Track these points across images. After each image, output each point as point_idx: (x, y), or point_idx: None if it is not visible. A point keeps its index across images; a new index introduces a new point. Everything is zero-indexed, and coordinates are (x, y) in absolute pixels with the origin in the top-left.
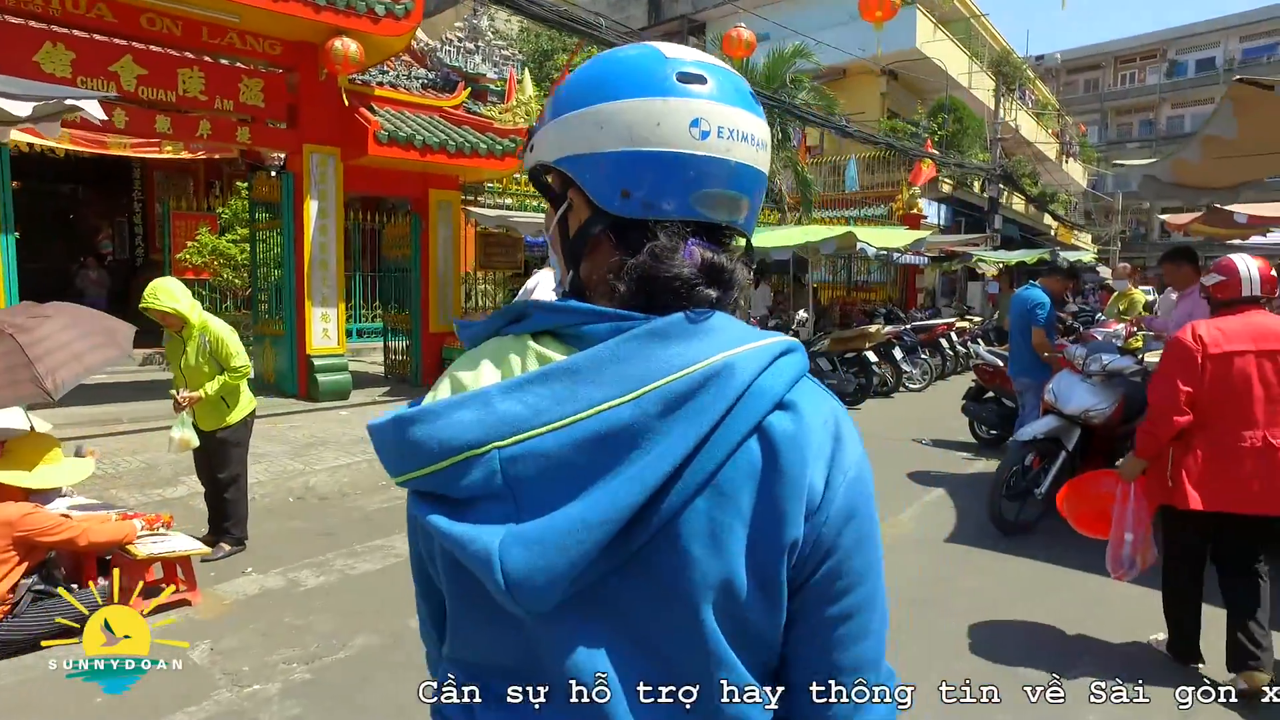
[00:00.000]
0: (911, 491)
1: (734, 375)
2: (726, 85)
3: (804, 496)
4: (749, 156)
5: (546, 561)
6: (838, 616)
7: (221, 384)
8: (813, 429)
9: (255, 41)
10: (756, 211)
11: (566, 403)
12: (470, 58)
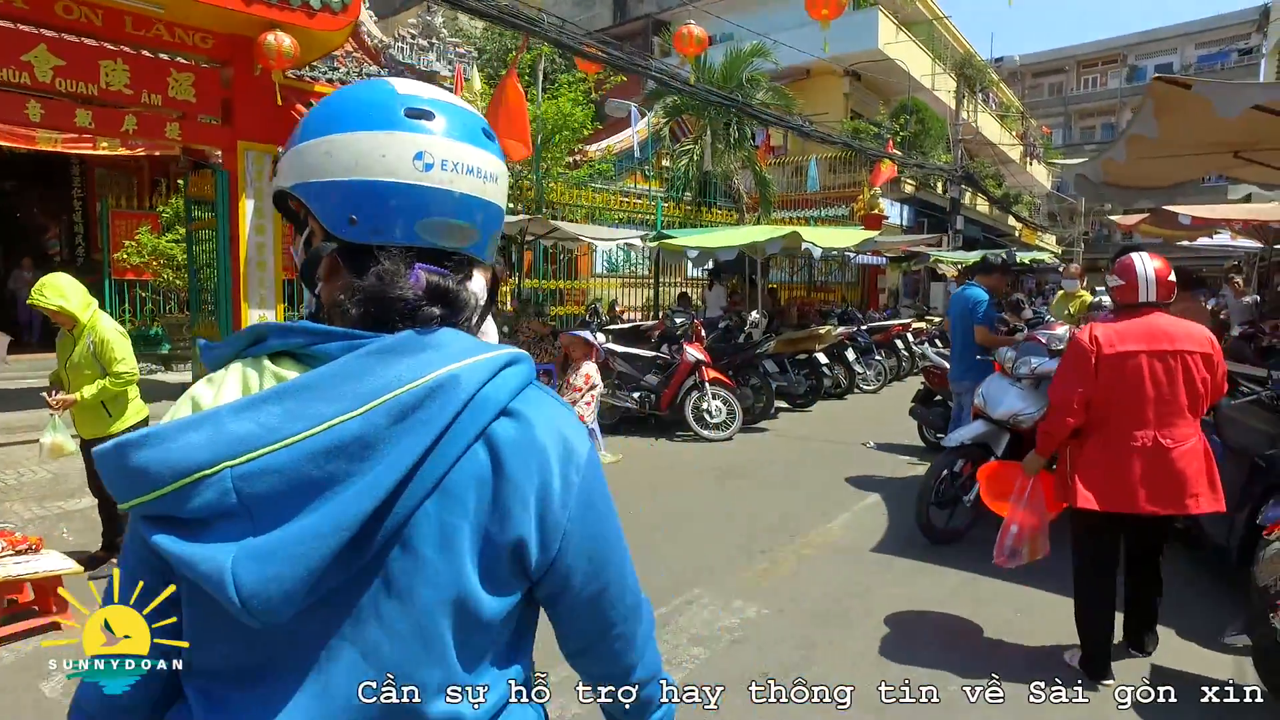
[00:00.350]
0: (847, 498)
1: (458, 387)
2: (455, 122)
3: (530, 498)
4: (475, 188)
5: (279, 574)
6: (582, 604)
7: (101, 389)
8: (538, 435)
9: (185, 34)
10: (490, 237)
11: (299, 419)
12: (424, 55)
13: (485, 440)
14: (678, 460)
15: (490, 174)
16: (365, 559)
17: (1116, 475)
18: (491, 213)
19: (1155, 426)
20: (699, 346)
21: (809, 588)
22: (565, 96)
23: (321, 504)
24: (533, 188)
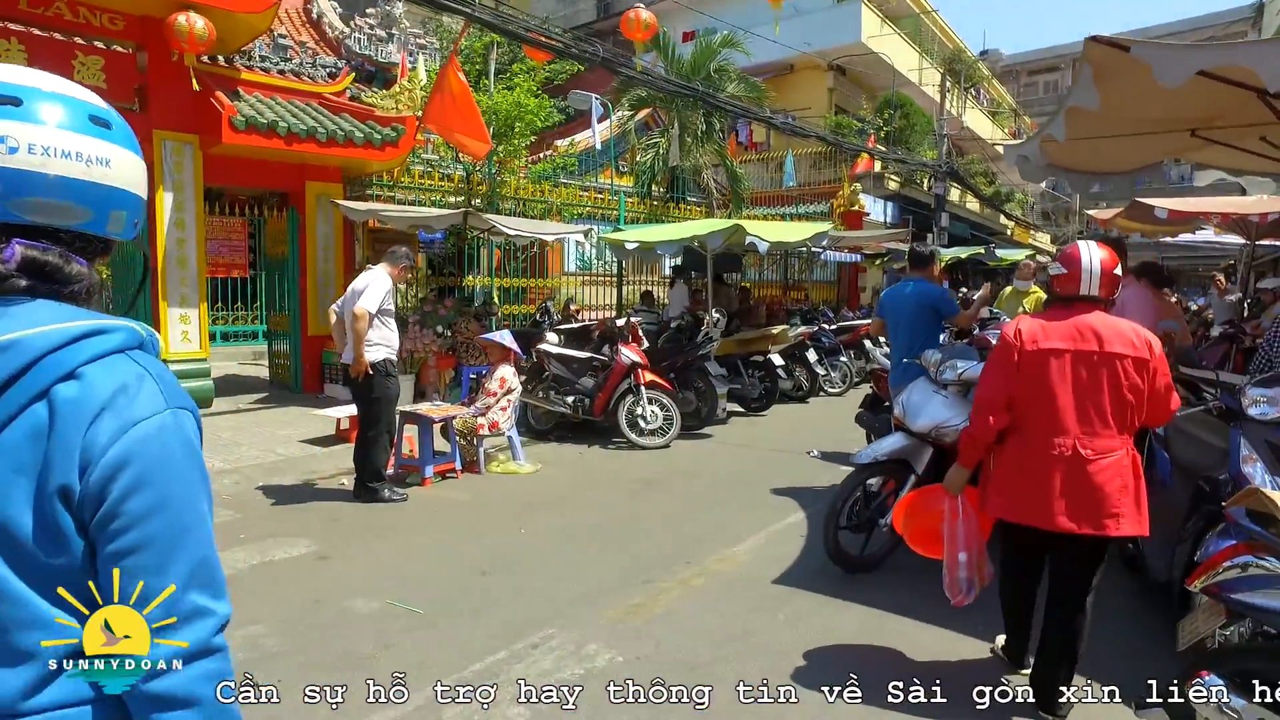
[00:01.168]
0: (768, 515)
1: (21, 351)
2: (53, 108)
3: (76, 451)
4: (75, 171)
5: None
6: (125, 551)
7: None
8: (96, 395)
9: (90, 14)
10: (110, 216)
11: None
12: (383, 45)
13: (48, 400)
14: (600, 470)
15: (97, 158)
16: None
17: (1031, 484)
18: (103, 193)
19: (1076, 434)
20: (635, 347)
21: (682, 629)
22: (521, 88)
23: None
24: (484, 181)
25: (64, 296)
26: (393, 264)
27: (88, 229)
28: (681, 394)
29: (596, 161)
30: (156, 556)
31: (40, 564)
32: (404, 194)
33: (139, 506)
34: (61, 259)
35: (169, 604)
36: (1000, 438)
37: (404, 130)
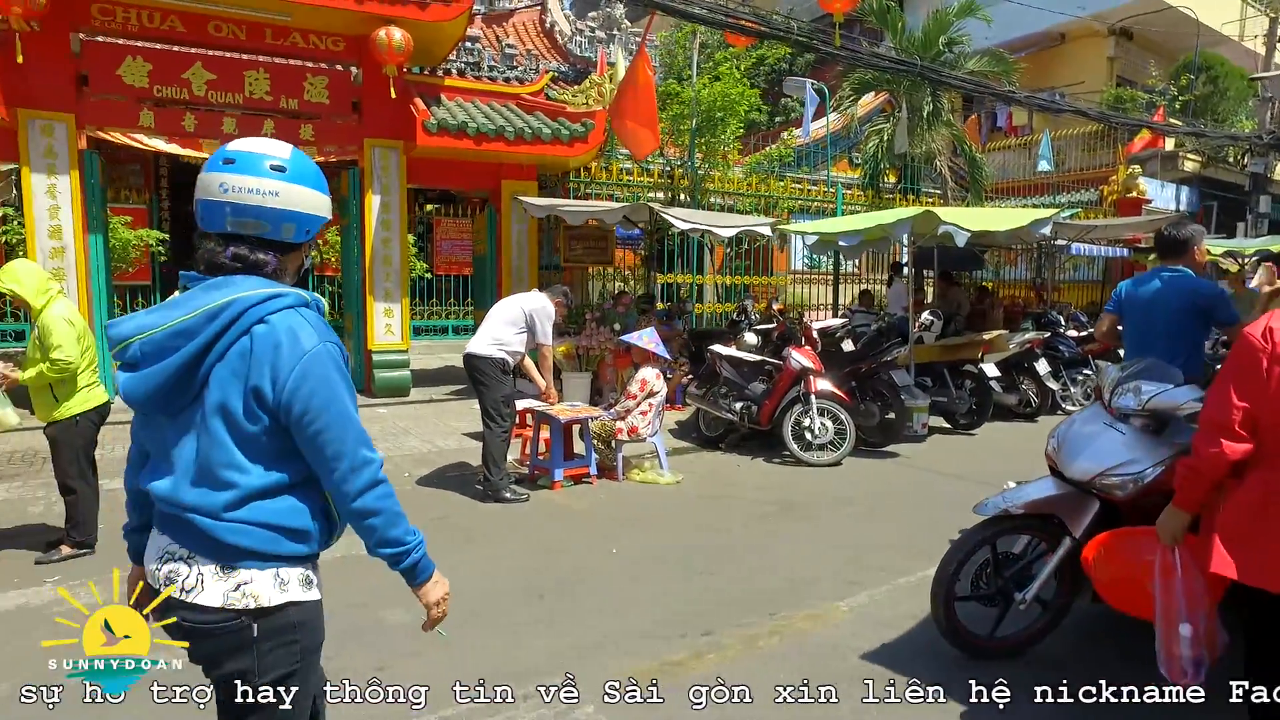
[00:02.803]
0: (899, 563)
1: (236, 305)
2: (246, 163)
3: (266, 367)
4: (255, 200)
5: (136, 388)
6: (311, 437)
7: (39, 373)
8: (275, 333)
9: (317, 40)
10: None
11: (166, 318)
12: (605, 46)
13: (250, 335)
14: (744, 487)
15: (269, 192)
16: (193, 391)
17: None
18: (274, 214)
19: None
20: (806, 351)
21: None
22: (727, 77)
23: (164, 359)
24: (686, 175)
25: (263, 274)
26: (552, 296)
27: (268, 236)
28: (863, 405)
29: (827, 153)
30: (338, 430)
31: (241, 430)
32: (601, 189)
33: (319, 404)
34: (252, 252)
35: (351, 458)
36: (1236, 471)
37: (592, 125)
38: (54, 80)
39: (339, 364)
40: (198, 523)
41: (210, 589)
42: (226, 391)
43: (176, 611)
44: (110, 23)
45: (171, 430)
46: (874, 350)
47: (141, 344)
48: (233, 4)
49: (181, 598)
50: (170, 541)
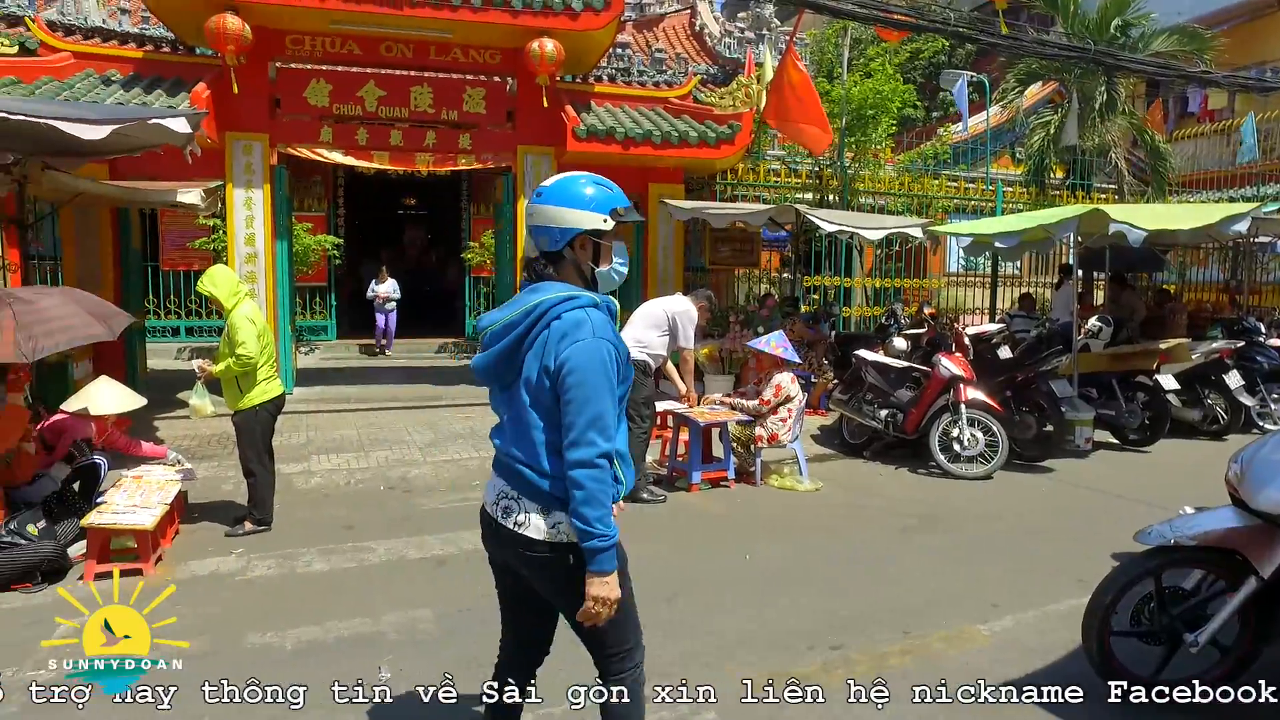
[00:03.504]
0: (1050, 588)
1: (542, 305)
2: (533, 196)
3: (554, 352)
4: (529, 222)
5: (481, 364)
6: (564, 407)
7: (226, 366)
8: (564, 327)
9: (476, 54)
10: (551, 240)
11: (502, 314)
12: (754, 47)
13: (549, 326)
14: (885, 498)
15: (533, 214)
16: (515, 369)
17: None
18: (535, 230)
19: None
20: (957, 358)
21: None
22: (879, 74)
23: (498, 344)
24: (835, 175)
25: (561, 279)
26: (697, 299)
27: (547, 249)
28: (1017, 417)
29: (986, 149)
30: (579, 407)
31: (538, 401)
32: (748, 191)
33: (573, 382)
34: (543, 266)
35: (580, 432)
36: None
37: (739, 127)
38: (254, 105)
39: (603, 357)
40: (523, 473)
41: (534, 524)
42: (531, 370)
43: (512, 539)
44: (300, 51)
45: (504, 400)
46: (1033, 358)
47: (490, 333)
48: (402, 25)
49: (514, 529)
50: (505, 485)
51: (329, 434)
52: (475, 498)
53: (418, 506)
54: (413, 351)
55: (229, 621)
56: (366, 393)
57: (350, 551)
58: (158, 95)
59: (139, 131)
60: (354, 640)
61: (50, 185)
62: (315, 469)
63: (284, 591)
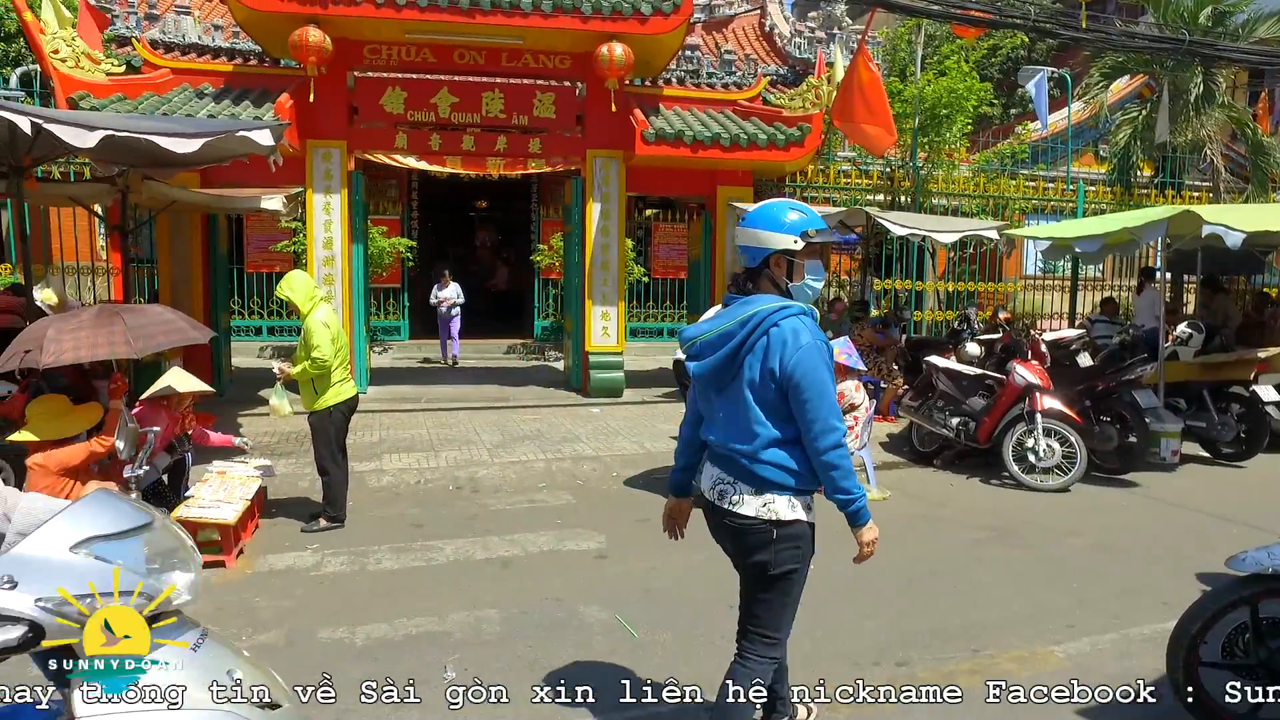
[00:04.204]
0: (1131, 611)
1: (760, 315)
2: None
3: (777, 356)
4: (737, 243)
5: (700, 371)
6: (799, 405)
7: (302, 369)
8: (783, 334)
9: (546, 59)
10: (751, 256)
11: (715, 324)
12: (824, 47)
13: (766, 334)
14: (957, 509)
15: (738, 235)
16: (733, 372)
17: None
18: (742, 249)
19: None
20: (1033, 366)
21: None
22: (953, 72)
23: (715, 352)
24: (907, 176)
25: (762, 292)
26: None
27: (749, 264)
28: (1097, 428)
29: (1067, 147)
30: (816, 402)
31: (761, 398)
32: (817, 193)
33: (806, 382)
34: (753, 279)
35: (823, 423)
36: None
37: (809, 129)
38: (333, 113)
39: (822, 355)
40: (740, 461)
41: (747, 504)
42: (753, 372)
43: (726, 517)
44: (377, 60)
45: (719, 400)
46: (1115, 366)
47: (700, 343)
48: (474, 33)
49: (729, 508)
50: (720, 473)
51: (400, 433)
52: (540, 500)
53: (485, 507)
54: (482, 352)
55: (303, 616)
56: (437, 393)
57: (419, 550)
58: (245, 106)
59: (227, 143)
60: (421, 638)
61: (148, 194)
62: (387, 467)
63: (355, 588)
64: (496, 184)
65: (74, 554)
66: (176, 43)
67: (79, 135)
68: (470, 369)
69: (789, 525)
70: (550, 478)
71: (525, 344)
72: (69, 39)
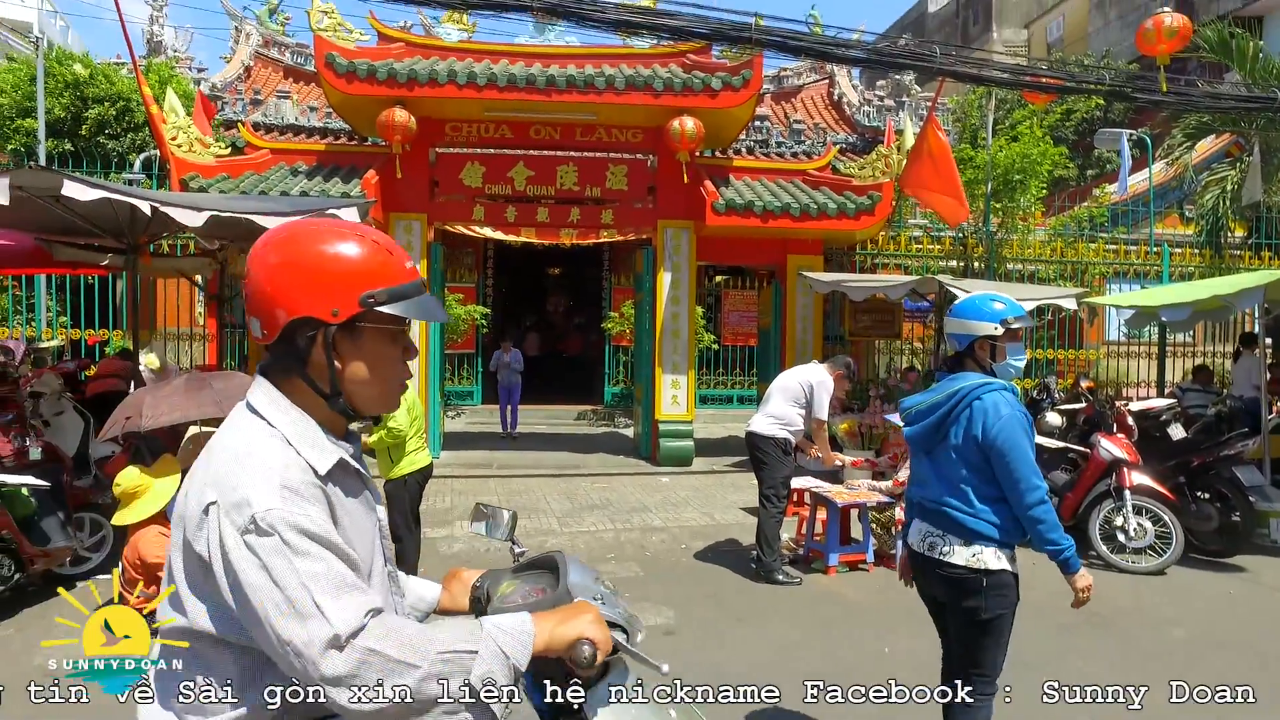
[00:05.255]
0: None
1: (965, 390)
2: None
3: (980, 424)
4: (946, 330)
5: (914, 435)
6: (1002, 467)
7: (379, 438)
8: (985, 406)
9: (619, 133)
10: (957, 340)
11: (928, 397)
12: (893, 115)
13: (970, 405)
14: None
15: (948, 324)
16: (940, 437)
17: None
18: (951, 335)
19: None
20: (1119, 439)
21: None
22: (1025, 137)
23: (925, 420)
24: (980, 243)
25: (976, 370)
26: (834, 368)
27: (957, 349)
28: (1194, 506)
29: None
30: (1018, 466)
31: (968, 461)
32: (888, 260)
33: (1008, 448)
34: (954, 359)
35: (1025, 483)
36: None
37: (879, 197)
38: (415, 187)
39: (1022, 424)
40: (950, 515)
41: (958, 554)
42: (960, 438)
43: (938, 567)
44: (457, 137)
45: (928, 461)
46: (1212, 439)
47: (914, 412)
48: (550, 110)
49: (940, 558)
50: (930, 527)
51: (471, 499)
52: (608, 572)
53: None
54: (552, 418)
55: None
56: (508, 458)
57: None
58: (335, 182)
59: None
60: None
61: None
62: (458, 535)
63: None
64: (569, 251)
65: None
66: (276, 124)
67: (189, 216)
68: (541, 434)
69: (996, 574)
70: (619, 549)
71: (595, 410)
72: (185, 126)
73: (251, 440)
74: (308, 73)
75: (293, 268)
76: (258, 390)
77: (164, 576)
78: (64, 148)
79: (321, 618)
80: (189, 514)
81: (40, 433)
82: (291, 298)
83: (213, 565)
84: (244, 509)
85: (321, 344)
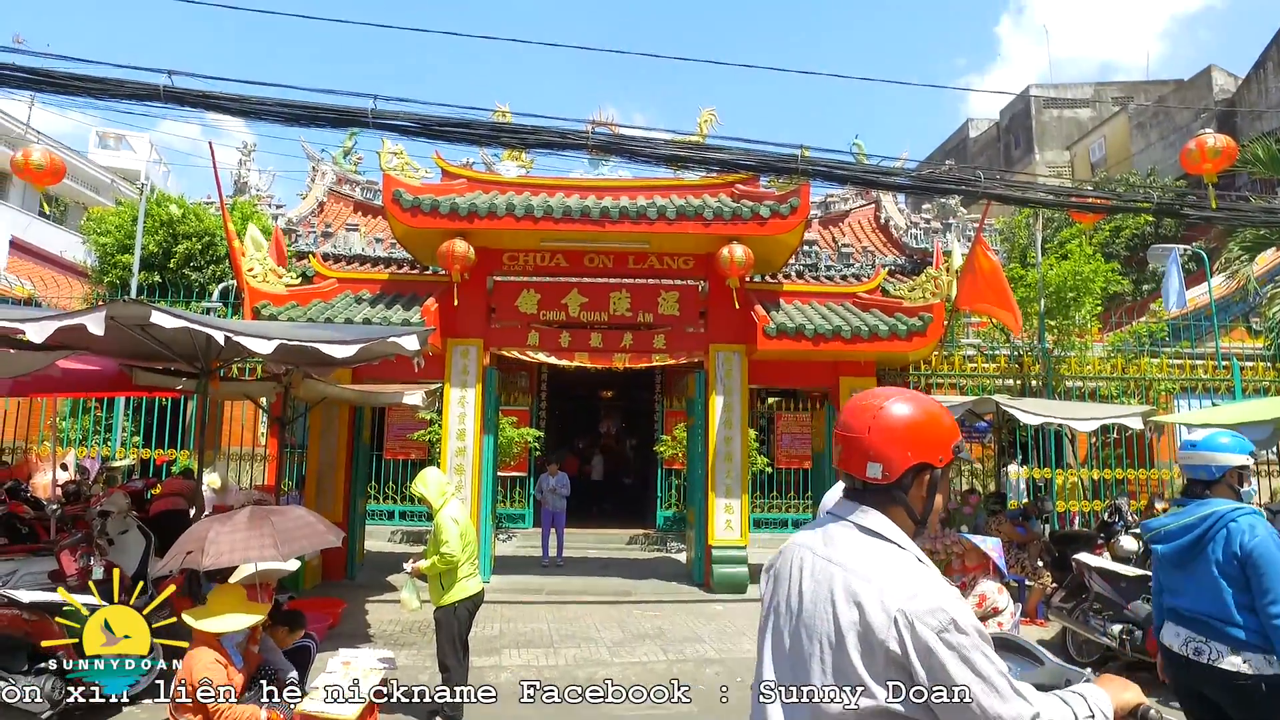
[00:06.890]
0: None
1: (1218, 514)
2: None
3: (1237, 543)
4: (1184, 463)
5: (1166, 553)
6: (1256, 579)
7: (431, 564)
8: (1241, 527)
9: (670, 260)
10: (1195, 469)
11: (1177, 519)
12: (940, 236)
13: (1226, 526)
14: None
15: (1188, 457)
16: (1195, 554)
17: None
18: (1189, 468)
19: None
20: None
21: None
22: (1076, 254)
23: (1176, 539)
24: (1036, 361)
25: (1229, 496)
26: None
27: (1206, 479)
28: None
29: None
30: (1268, 579)
31: (1226, 572)
32: (943, 380)
33: (1262, 564)
34: (1199, 486)
35: (1274, 593)
36: None
37: (930, 318)
38: (473, 315)
39: (1276, 542)
40: (1214, 624)
41: (1226, 660)
42: (1217, 554)
43: (1205, 670)
44: (514, 265)
45: (1182, 574)
46: None
47: (1164, 530)
48: (604, 239)
49: (1208, 663)
50: (1191, 633)
51: (521, 627)
52: (662, 713)
53: (605, 713)
54: (604, 542)
55: None
56: (558, 584)
57: None
58: (396, 310)
59: (379, 348)
60: None
61: (307, 390)
62: (506, 663)
63: None
64: (622, 374)
65: None
66: (344, 254)
67: (259, 344)
68: (593, 559)
69: (1269, 678)
70: (670, 680)
71: (648, 534)
72: (261, 259)
73: (899, 560)
74: (375, 206)
75: (921, 427)
76: (871, 517)
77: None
78: (153, 279)
79: (1021, 699)
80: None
81: (105, 552)
82: (919, 448)
83: (910, 660)
84: (939, 614)
85: (926, 482)
